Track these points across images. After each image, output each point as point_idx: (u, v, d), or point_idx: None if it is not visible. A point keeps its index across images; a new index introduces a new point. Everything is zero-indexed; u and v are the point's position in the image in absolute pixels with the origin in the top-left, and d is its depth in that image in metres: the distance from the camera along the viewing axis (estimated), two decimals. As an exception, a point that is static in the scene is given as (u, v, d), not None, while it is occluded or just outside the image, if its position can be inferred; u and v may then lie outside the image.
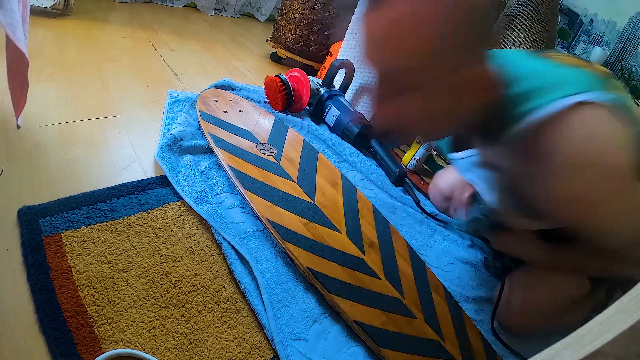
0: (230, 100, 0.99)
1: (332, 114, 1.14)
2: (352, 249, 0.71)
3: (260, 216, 0.68)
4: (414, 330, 0.62)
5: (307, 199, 0.77)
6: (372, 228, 0.79)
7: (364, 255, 0.71)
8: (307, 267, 0.62)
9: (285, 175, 0.81)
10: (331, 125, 1.15)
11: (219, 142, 0.80)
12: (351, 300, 0.61)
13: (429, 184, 1.16)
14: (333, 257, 0.67)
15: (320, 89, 1.17)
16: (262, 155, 0.83)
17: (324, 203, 0.78)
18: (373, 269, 0.69)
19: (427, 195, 1.08)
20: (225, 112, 0.92)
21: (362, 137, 1.10)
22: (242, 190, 0.72)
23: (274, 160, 0.83)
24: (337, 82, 1.25)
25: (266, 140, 0.89)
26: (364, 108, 1.22)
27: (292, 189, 0.78)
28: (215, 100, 0.95)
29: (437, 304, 0.69)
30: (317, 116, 1.20)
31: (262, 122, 0.95)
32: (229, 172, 0.74)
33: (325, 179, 0.86)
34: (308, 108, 1.21)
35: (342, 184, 0.88)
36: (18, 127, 0.53)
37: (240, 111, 0.96)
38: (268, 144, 0.87)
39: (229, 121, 0.89)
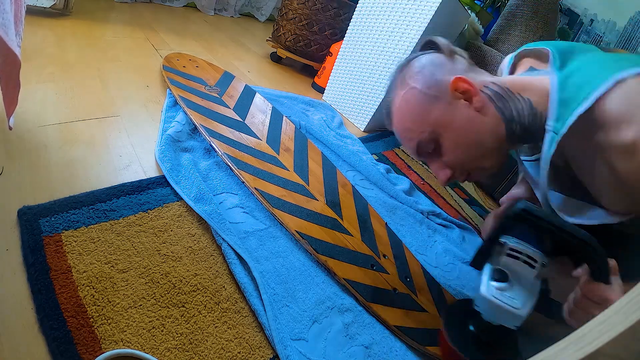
0: (190, 60, 1.19)
1: None
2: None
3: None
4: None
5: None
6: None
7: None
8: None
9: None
10: None
11: (173, 82, 0.99)
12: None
13: (429, 184, 1.16)
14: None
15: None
16: (208, 92, 1.02)
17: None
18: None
19: (426, 195, 1.08)
20: (184, 66, 1.13)
21: None
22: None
23: (217, 96, 1.02)
24: None
25: (213, 84, 1.08)
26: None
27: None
28: (177, 60, 1.16)
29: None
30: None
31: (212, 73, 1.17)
32: (183, 104, 0.91)
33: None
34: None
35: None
36: (10, 128, 0.53)
37: (197, 66, 1.17)
38: (215, 86, 1.07)
39: (186, 72, 1.10)
